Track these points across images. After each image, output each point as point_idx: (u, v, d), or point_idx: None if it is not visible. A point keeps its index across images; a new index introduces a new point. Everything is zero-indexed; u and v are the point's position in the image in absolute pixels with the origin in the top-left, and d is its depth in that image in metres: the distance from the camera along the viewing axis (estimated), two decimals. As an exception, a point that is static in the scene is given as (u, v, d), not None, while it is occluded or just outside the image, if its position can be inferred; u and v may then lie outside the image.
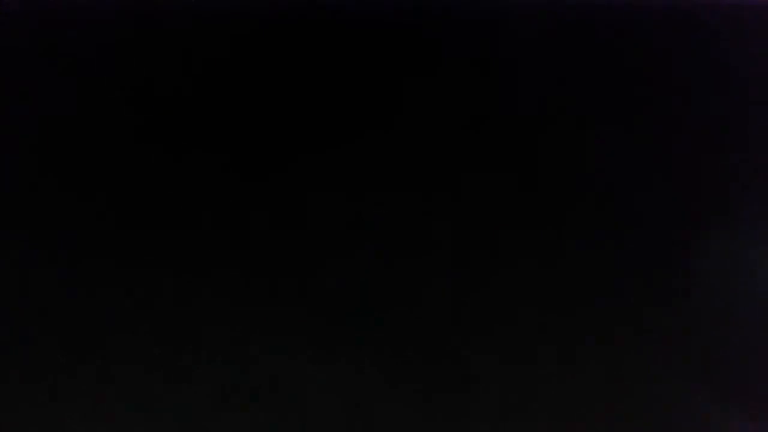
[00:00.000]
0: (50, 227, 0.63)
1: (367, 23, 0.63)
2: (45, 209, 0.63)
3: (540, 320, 0.65)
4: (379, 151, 0.64)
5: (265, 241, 0.64)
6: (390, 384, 0.64)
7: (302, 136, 0.64)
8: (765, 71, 0.65)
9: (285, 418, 0.64)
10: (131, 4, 0.63)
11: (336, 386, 0.64)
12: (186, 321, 0.64)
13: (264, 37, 0.63)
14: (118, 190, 0.64)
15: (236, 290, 0.64)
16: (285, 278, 0.64)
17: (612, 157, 0.65)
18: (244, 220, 0.64)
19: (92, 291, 0.64)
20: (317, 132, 0.64)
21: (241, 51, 0.63)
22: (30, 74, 0.63)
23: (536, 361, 0.65)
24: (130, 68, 0.63)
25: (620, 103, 0.64)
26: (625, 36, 0.64)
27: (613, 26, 0.64)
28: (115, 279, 0.64)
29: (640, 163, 0.65)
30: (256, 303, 0.64)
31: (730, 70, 0.65)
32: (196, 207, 0.64)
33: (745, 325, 0.65)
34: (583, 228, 0.65)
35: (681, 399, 0.65)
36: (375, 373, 0.64)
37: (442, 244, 0.64)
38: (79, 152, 0.63)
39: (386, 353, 0.64)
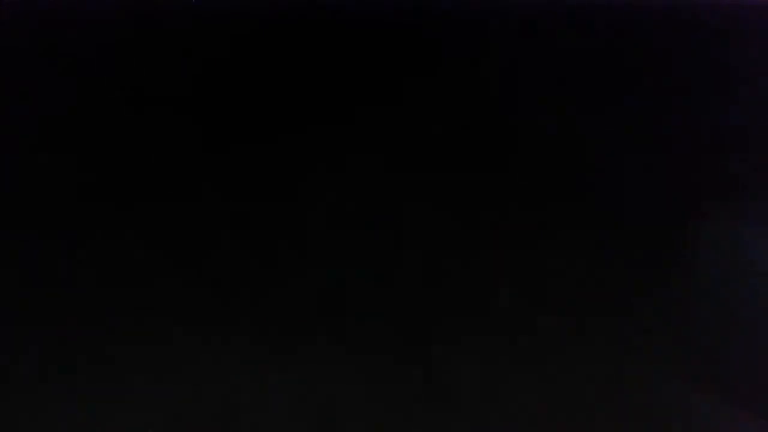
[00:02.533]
0: (50, 227, 0.64)
1: (367, 23, 0.63)
2: (45, 209, 0.63)
3: (540, 320, 0.65)
4: (379, 151, 0.64)
5: (250, 242, 0.64)
6: (367, 384, 0.65)
7: (302, 136, 0.64)
8: (765, 71, 0.65)
9: (266, 417, 0.65)
10: (131, 4, 0.63)
11: (311, 387, 0.65)
12: (182, 320, 0.64)
13: (264, 37, 0.63)
14: (117, 190, 0.64)
15: (220, 290, 0.64)
16: (262, 279, 0.64)
17: (612, 157, 0.65)
18: (243, 220, 0.64)
19: (93, 291, 0.64)
20: (317, 132, 0.64)
21: (241, 51, 0.63)
22: (30, 74, 0.63)
23: (537, 361, 0.65)
24: (130, 68, 0.63)
25: (620, 103, 0.64)
26: (625, 36, 0.64)
27: (613, 26, 0.64)
28: (113, 279, 0.64)
29: (639, 162, 0.65)
30: (234, 303, 0.64)
31: (730, 70, 0.65)
32: (196, 207, 0.64)
33: (746, 325, 0.65)
34: (583, 228, 0.65)
35: (681, 399, 0.65)
36: (353, 374, 0.65)
37: (442, 243, 0.65)
38: (79, 152, 0.63)
39: (364, 354, 0.65)
